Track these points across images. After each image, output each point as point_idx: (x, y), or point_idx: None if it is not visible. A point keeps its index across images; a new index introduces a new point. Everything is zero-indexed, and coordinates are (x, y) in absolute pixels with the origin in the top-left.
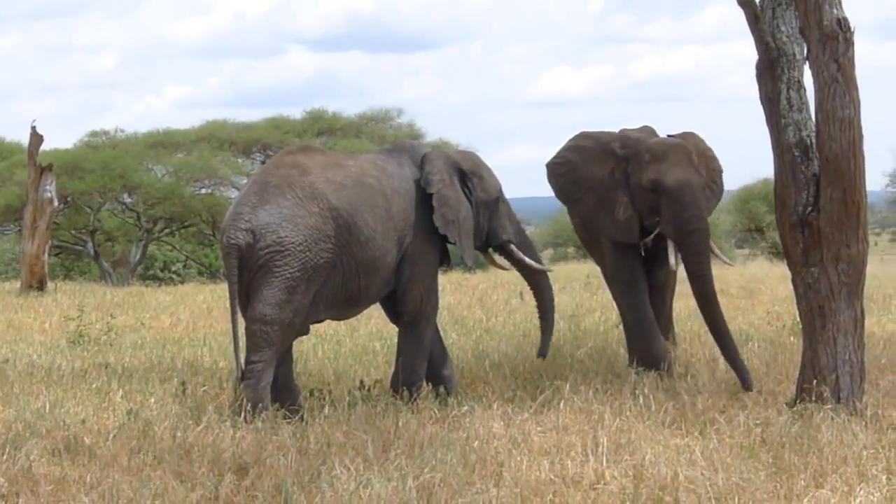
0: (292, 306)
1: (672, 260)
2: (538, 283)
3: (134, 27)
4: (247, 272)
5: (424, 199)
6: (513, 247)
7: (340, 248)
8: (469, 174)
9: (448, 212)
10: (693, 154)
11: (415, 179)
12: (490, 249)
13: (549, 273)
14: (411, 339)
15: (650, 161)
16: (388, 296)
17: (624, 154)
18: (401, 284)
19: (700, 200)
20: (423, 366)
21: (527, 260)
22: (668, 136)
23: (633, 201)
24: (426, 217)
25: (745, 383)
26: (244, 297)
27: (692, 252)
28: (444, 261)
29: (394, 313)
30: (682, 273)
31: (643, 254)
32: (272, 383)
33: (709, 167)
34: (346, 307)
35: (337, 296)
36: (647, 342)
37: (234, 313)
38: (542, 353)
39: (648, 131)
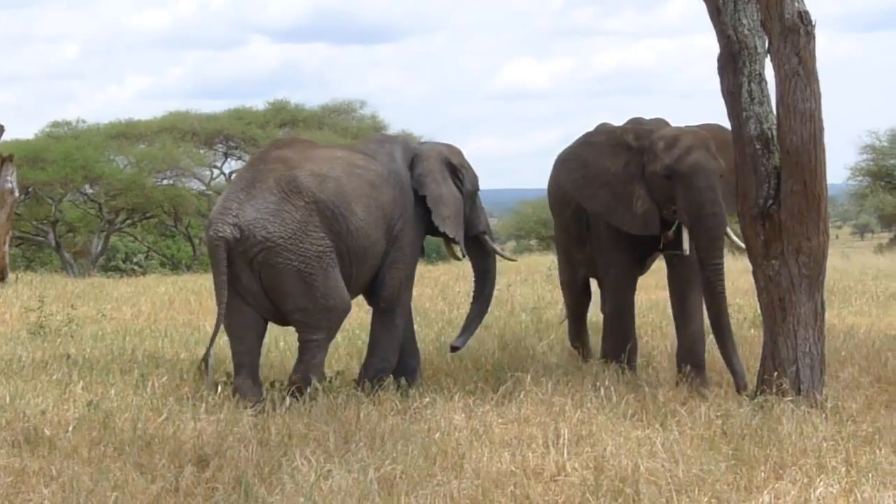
0: (318, 290)
1: (685, 246)
2: (485, 278)
3: (96, 17)
4: (240, 268)
5: (416, 192)
6: (486, 237)
7: (333, 235)
8: (458, 167)
9: (444, 209)
10: (710, 142)
11: (405, 171)
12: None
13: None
14: (385, 326)
15: (664, 148)
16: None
17: (639, 145)
18: (382, 269)
19: (715, 186)
20: (395, 353)
21: (498, 249)
22: (687, 126)
23: (650, 192)
24: (415, 206)
25: (739, 385)
26: (232, 289)
27: (705, 239)
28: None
29: (373, 298)
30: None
31: (661, 247)
32: (237, 373)
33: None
34: None
35: None
36: (621, 340)
37: (220, 304)
38: (456, 346)
39: (662, 123)
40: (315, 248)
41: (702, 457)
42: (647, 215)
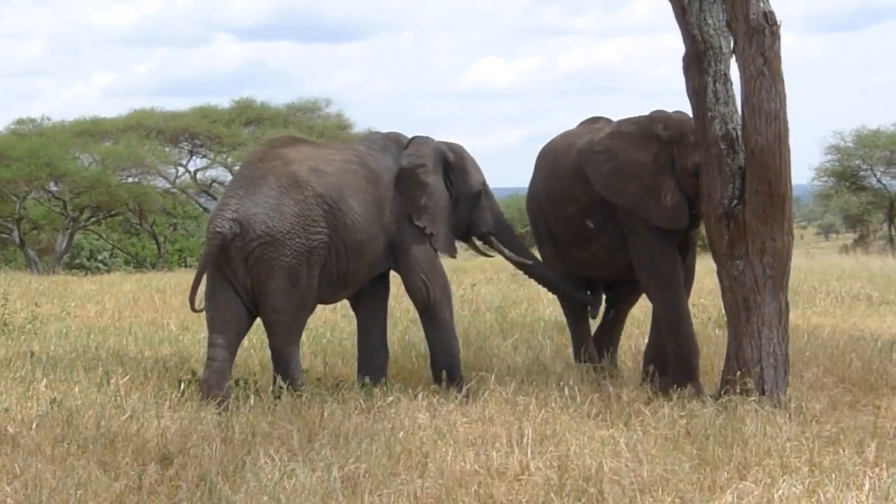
0: (298, 291)
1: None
2: (527, 271)
3: (61, 14)
4: (241, 262)
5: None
6: (493, 238)
7: (330, 230)
8: (453, 167)
9: (423, 198)
10: None
11: (399, 168)
12: (474, 238)
13: (530, 263)
14: (434, 326)
15: (695, 143)
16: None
17: (668, 137)
18: (402, 276)
19: None
20: (455, 345)
21: (506, 252)
22: None
23: (679, 186)
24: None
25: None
26: (227, 282)
27: None
28: None
29: (357, 301)
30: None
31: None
32: (208, 366)
33: None
34: (336, 289)
35: (332, 276)
36: (685, 340)
37: (209, 299)
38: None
39: (685, 115)
40: (309, 243)
41: (665, 457)
42: (676, 209)
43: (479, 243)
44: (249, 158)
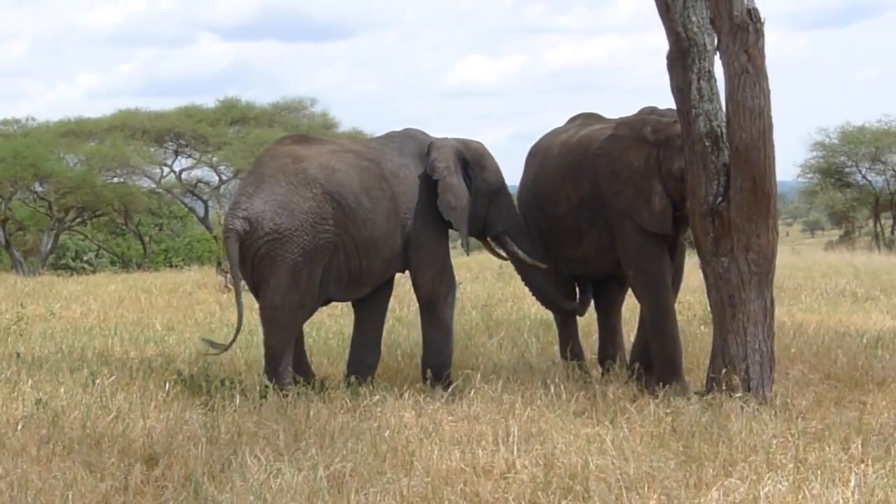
0: (299, 290)
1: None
2: (526, 275)
3: (45, 14)
4: (249, 259)
5: (428, 185)
6: (507, 238)
7: (339, 228)
8: (472, 164)
9: (452, 198)
10: None
11: (416, 165)
12: (488, 238)
13: (543, 268)
14: (432, 323)
15: (681, 147)
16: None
17: (655, 140)
18: (412, 270)
19: None
20: (448, 347)
21: (520, 253)
22: None
23: (666, 190)
24: (429, 202)
25: None
26: (248, 280)
27: None
28: None
29: (359, 299)
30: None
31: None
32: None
33: None
34: (350, 286)
35: (342, 275)
36: (669, 340)
37: (238, 295)
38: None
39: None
40: (316, 241)
41: (651, 454)
42: (663, 213)
43: (492, 243)
44: (260, 156)
